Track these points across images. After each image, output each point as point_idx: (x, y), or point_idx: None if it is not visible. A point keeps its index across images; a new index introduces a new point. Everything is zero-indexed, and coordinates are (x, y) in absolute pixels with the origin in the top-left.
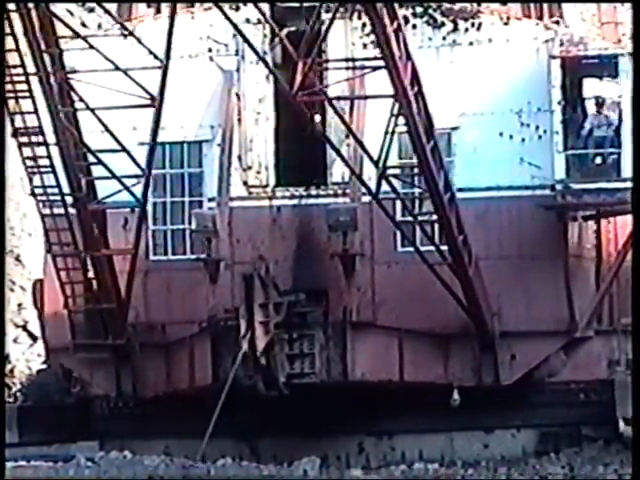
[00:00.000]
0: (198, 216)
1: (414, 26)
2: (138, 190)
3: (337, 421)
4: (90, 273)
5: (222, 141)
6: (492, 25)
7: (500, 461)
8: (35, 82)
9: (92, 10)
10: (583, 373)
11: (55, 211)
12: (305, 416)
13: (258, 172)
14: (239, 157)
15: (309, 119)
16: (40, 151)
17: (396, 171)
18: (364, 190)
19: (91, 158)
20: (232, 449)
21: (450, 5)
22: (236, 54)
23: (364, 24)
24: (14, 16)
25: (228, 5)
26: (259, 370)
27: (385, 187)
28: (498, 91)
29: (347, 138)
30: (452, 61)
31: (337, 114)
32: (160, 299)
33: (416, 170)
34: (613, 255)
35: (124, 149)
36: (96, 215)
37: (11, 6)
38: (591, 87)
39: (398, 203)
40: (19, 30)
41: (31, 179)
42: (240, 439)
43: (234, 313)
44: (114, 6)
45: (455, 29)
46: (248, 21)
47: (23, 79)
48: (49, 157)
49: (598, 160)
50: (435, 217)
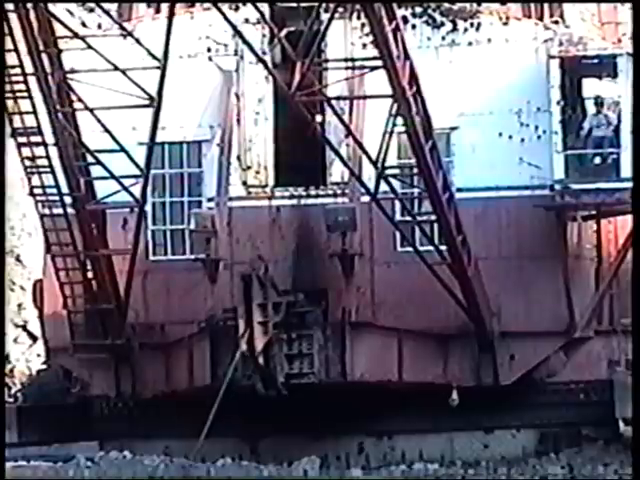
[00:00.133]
0: (197, 216)
1: (413, 26)
2: (137, 190)
3: (337, 421)
4: (89, 273)
5: (221, 141)
6: (491, 25)
7: (500, 461)
8: (34, 82)
9: (92, 10)
10: (583, 373)
11: (54, 211)
12: (305, 416)
13: (257, 172)
14: (238, 157)
15: (310, 120)
16: (39, 151)
17: (395, 171)
18: (363, 190)
19: (90, 158)
20: (232, 449)
21: (449, 5)
22: (235, 54)
23: (363, 24)
24: (12, 16)
25: (227, 5)
26: (258, 370)
27: (384, 187)
28: (497, 91)
29: (346, 138)
30: (451, 61)
31: (336, 114)
32: (159, 299)
33: (415, 170)
34: (613, 255)
35: (123, 149)
36: (95, 215)
37: (9, 6)
38: (590, 87)
39: (397, 203)
40: (17, 30)
41: (30, 179)
42: (240, 439)
43: (233, 313)
44: (114, 6)
45: (454, 29)
46: (247, 21)
47: (21, 79)
48: (48, 157)
49: (597, 160)
50: (434, 217)
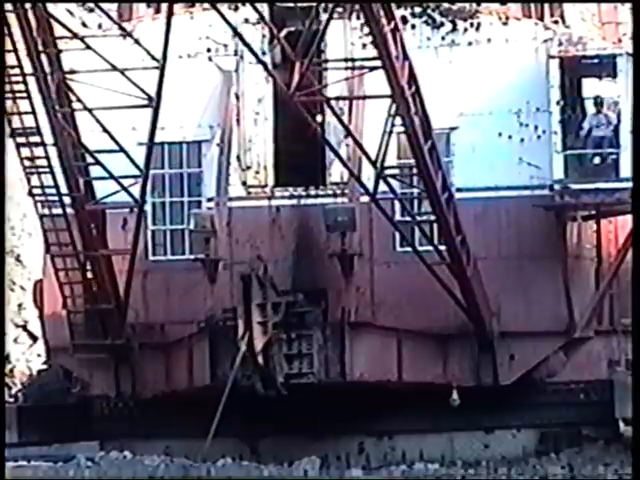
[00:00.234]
0: (196, 216)
1: (413, 26)
2: (137, 190)
3: (338, 421)
4: (89, 273)
5: (221, 141)
6: (491, 25)
7: (500, 461)
8: (33, 82)
9: (92, 10)
10: (583, 373)
11: (53, 211)
12: (306, 416)
13: (257, 172)
14: (238, 157)
15: (311, 120)
16: (38, 151)
17: (394, 171)
18: (363, 190)
19: (89, 158)
20: (232, 449)
21: (449, 5)
22: (235, 54)
23: (363, 24)
24: (11, 16)
25: (227, 5)
26: (257, 370)
27: (384, 187)
28: (497, 91)
29: (346, 138)
30: (451, 61)
31: (335, 114)
32: (159, 299)
33: (414, 170)
34: (613, 255)
35: (122, 149)
36: (94, 215)
37: (8, 6)
38: (590, 87)
39: (397, 203)
40: (16, 30)
41: (29, 179)
42: (241, 439)
43: (232, 313)
44: (114, 6)
45: (454, 29)
46: (247, 21)
47: (20, 79)
48: (47, 157)
49: (597, 160)
50: (433, 217)
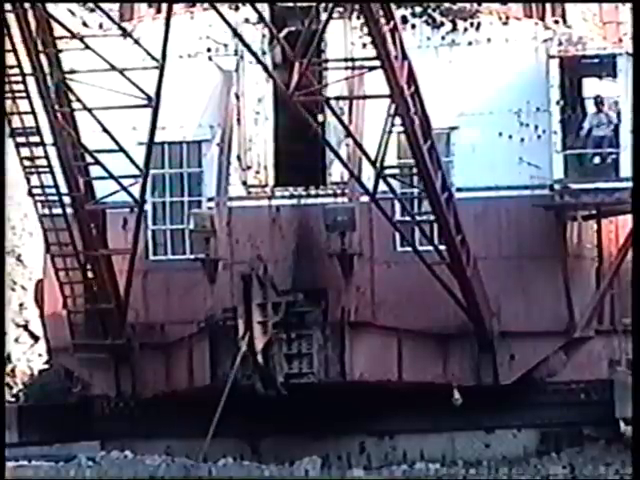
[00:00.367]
0: (196, 216)
1: (413, 26)
2: (137, 190)
3: (339, 421)
4: (89, 273)
5: (221, 141)
6: (491, 25)
7: (501, 461)
8: (32, 82)
9: (93, 10)
10: (584, 373)
11: (53, 211)
12: (307, 416)
13: (257, 172)
14: (238, 157)
15: (311, 120)
16: (38, 151)
17: (394, 171)
18: (362, 190)
19: (89, 158)
20: (234, 449)
21: (449, 5)
22: (235, 54)
23: (363, 24)
24: (11, 16)
25: (227, 5)
26: (257, 370)
27: (384, 187)
28: (497, 91)
29: (346, 138)
30: (451, 61)
31: (334, 114)
32: (159, 299)
33: (414, 170)
34: (614, 255)
35: (122, 149)
36: (94, 215)
37: (7, 6)
38: (590, 87)
39: (397, 203)
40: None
41: (29, 179)
42: (242, 439)
43: (232, 313)
44: (115, 6)
45: (454, 29)
46: (247, 21)
47: (20, 79)
48: (47, 157)
49: (597, 160)
50: (433, 217)
